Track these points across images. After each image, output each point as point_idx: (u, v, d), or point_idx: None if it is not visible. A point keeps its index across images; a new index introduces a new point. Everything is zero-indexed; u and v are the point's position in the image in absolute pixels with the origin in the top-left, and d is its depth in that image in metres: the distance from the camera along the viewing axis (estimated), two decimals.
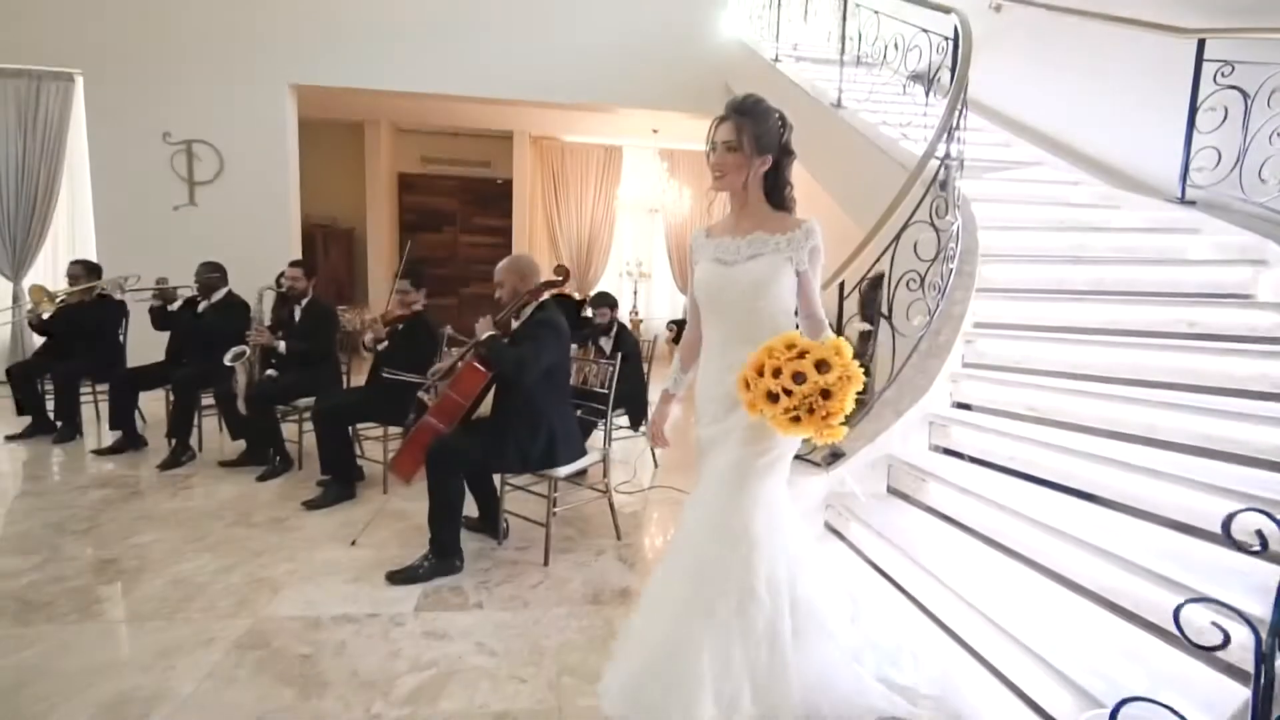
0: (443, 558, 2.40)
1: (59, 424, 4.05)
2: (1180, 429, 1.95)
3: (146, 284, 3.94)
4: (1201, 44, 2.98)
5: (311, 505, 3.06)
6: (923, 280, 2.57)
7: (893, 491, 2.53)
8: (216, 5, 5.75)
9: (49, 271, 5.88)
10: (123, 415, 3.81)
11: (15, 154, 5.60)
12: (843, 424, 1.34)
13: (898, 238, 2.54)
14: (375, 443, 3.49)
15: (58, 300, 3.94)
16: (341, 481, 3.18)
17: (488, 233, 9.54)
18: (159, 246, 5.59)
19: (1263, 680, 0.93)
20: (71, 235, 5.92)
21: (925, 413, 2.54)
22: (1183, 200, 3.14)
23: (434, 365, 2.84)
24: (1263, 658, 0.90)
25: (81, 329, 4.10)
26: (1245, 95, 2.81)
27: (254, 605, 2.18)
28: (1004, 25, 4.37)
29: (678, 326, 6.80)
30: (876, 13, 4.07)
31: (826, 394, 1.30)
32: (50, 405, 4.09)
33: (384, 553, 2.61)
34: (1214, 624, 1.00)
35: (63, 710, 1.64)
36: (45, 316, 4.00)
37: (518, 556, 2.64)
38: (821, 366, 1.32)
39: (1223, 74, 2.89)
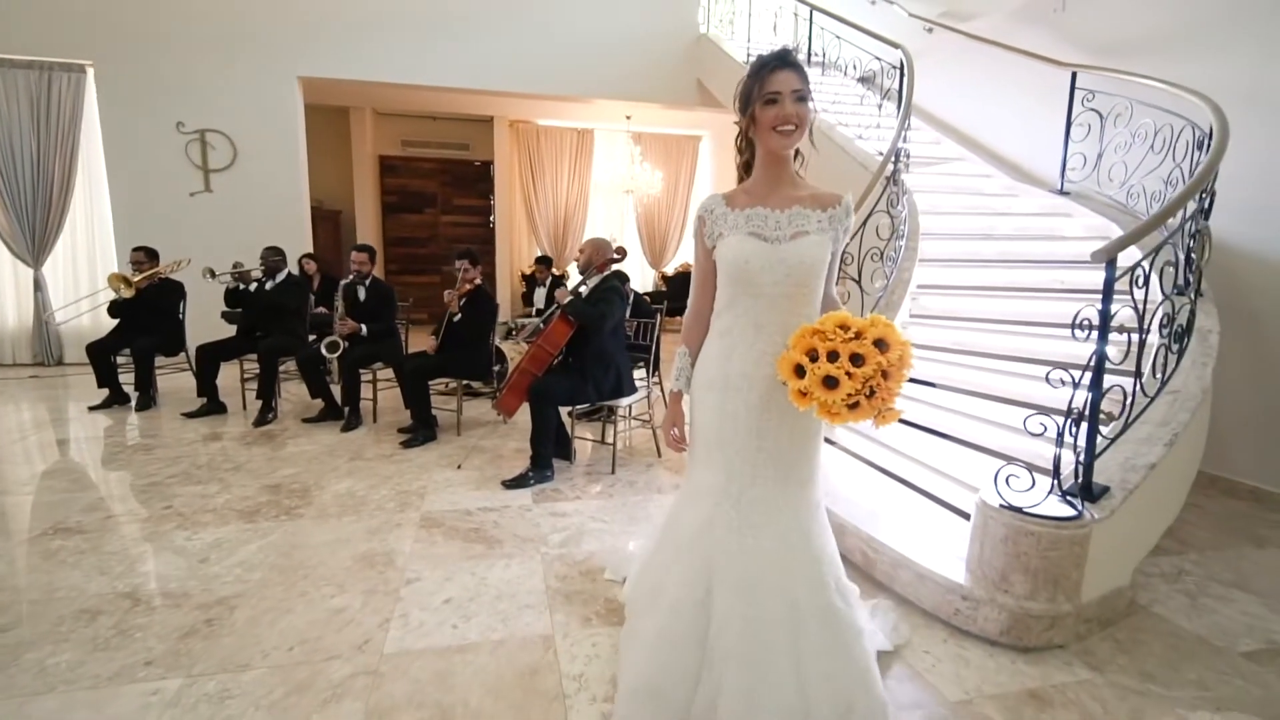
0: (541, 469, 3.22)
1: (137, 394, 4.55)
2: (1052, 351, 2.97)
3: (223, 268, 4.46)
4: (1074, 75, 4.01)
5: (407, 445, 3.79)
6: (881, 254, 3.51)
7: None
8: None
9: (68, 258, 6.16)
10: (207, 383, 4.38)
11: (29, 146, 5.81)
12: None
13: (864, 224, 3.47)
14: (445, 396, 4.23)
15: (134, 284, 4.41)
16: (426, 426, 3.92)
17: (468, 213, 10.06)
18: (177, 231, 5.98)
19: (1059, 465, 1.90)
20: (90, 222, 6.17)
21: None
22: (1061, 191, 4.21)
23: (497, 324, 3.64)
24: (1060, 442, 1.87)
25: (150, 309, 4.59)
26: (1101, 116, 3.87)
27: (413, 505, 2.95)
28: (935, 43, 5.35)
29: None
30: (838, 37, 4.97)
31: (885, 375, 1.25)
32: (122, 378, 4.59)
33: (484, 473, 3.39)
34: (1040, 423, 1.99)
35: (331, 562, 2.39)
36: (122, 299, 4.46)
37: (589, 470, 3.49)
38: (880, 345, 1.26)
39: (1087, 99, 3.94)
